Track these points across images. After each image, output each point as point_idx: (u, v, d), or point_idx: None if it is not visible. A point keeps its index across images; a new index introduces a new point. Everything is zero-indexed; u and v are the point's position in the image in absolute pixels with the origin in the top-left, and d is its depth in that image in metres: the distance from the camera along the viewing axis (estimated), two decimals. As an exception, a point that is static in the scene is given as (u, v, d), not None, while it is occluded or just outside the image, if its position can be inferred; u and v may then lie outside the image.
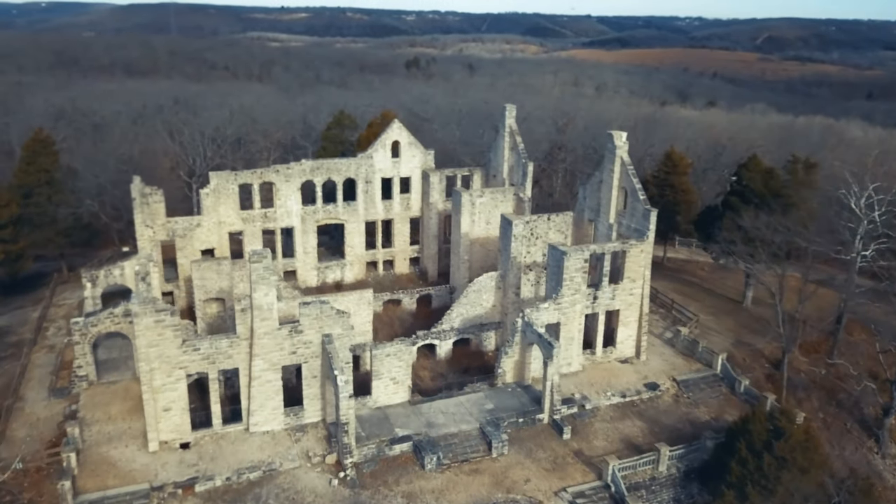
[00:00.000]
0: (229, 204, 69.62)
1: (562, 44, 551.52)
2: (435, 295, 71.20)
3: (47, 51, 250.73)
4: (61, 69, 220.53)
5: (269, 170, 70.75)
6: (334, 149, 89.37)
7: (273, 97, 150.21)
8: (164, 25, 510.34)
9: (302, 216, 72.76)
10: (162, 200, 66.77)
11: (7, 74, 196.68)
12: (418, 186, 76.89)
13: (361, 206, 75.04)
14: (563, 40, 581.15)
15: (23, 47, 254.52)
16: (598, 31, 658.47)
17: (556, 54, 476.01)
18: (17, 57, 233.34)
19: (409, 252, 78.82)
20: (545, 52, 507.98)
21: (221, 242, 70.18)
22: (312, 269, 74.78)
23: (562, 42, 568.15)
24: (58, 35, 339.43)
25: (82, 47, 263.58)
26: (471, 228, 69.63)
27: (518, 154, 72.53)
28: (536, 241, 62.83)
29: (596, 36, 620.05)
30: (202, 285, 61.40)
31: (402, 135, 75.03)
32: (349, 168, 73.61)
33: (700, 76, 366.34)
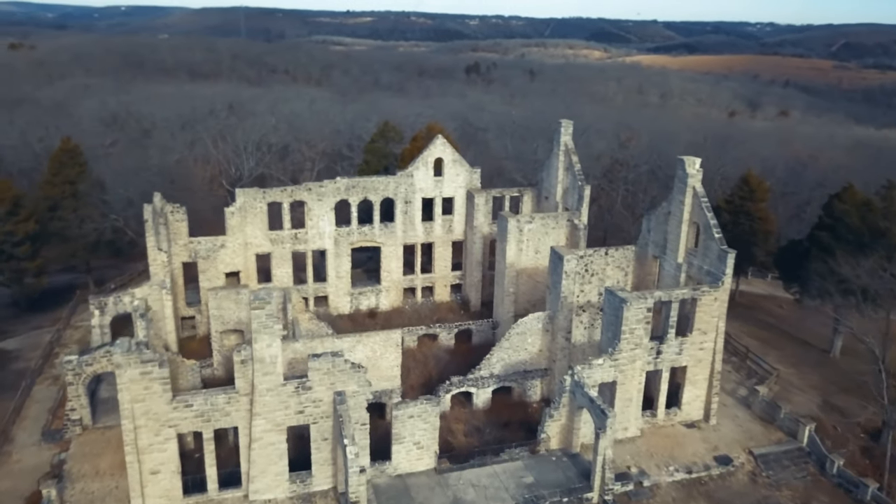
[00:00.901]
0: (257, 224, 63.35)
1: (626, 49, 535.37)
2: (476, 330, 63.34)
3: (115, 53, 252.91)
4: (126, 72, 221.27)
5: (300, 188, 64.19)
6: (377, 162, 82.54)
7: (325, 103, 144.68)
8: (234, 28, 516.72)
9: (335, 238, 65.98)
10: (184, 219, 60.98)
11: (73, 77, 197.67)
12: (462, 208, 69.19)
13: (400, 229, 67.79)
14: (627, 45, 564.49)
15: (93, 50, 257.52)
16: (665, 37, 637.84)
17: (619, 60, 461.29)
18: (86, 59, 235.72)
19: (450, 279, 71.19)
20: (609, 58, 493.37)
21: (248, 265, 63.99)
22: (345, 294, 67.92)
23: (626, 47, 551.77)
24: (128, 38, 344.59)
25: (149, 50, 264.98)
26: (518, 258, 61.56)
27: (574, 175, 64.05)
28: (591, 279, 54.37)
29: (662, 42, 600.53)
30: (219, 316, 55.21)
31: (446, 151, 67.44)
32: (387, 187, 66.45)
33: (771, 84, 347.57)
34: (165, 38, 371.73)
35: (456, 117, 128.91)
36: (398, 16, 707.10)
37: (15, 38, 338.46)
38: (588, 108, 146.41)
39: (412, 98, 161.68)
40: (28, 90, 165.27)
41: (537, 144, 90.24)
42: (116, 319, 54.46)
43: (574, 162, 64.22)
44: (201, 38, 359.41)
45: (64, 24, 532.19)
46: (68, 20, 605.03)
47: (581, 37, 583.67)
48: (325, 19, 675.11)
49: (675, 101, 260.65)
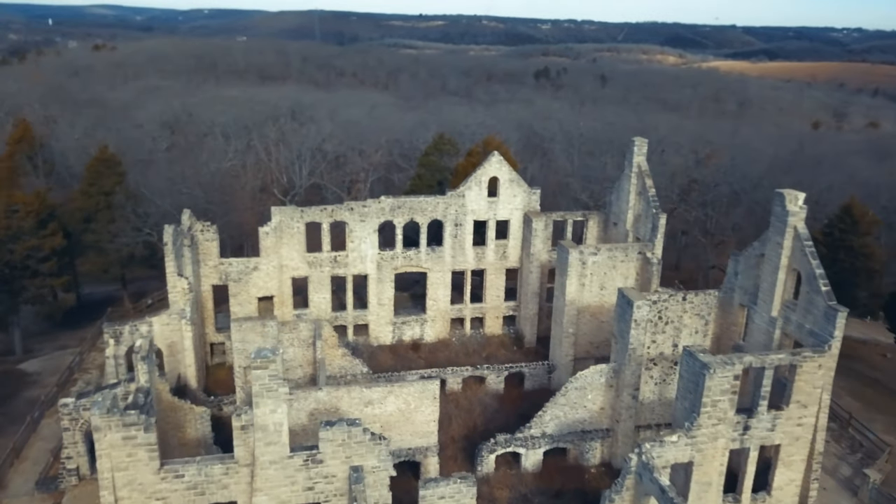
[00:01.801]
0: (293, 245, 57.35)
1: (702, 55, 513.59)
2: (529, 374, 55.58)
3: (191, 56, 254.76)
4: (198, 74, 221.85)
5: (341, 207, 57.81)
6: (430, 177, 75.70)
7: (386, 109, 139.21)
8: (310, 32, 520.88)
9: (378, 262, 59.37)
10: (215, 238, 55.56)
11: (146, 79, 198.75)
12: (518, 232, 61.49)
13: (448, 253, 60.63)
14: (703, 51, 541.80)
15: (170, 52, 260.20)
16: (744, 42, 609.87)
17: (695, 66, 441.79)
18: (162, 61, 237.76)
19: (502, 310, 63.56)
20: (684, 63, 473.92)
21: (282, 289, 58.07)
22: (387, 324, 61.20)
23: (702, 53, 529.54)
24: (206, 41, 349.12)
25: (223, 52, 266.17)
26: (579, 294, 53.52)
27: (647, 201, 55.53)
28: (666, 328, 45.92)
29: (741, 47, 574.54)
30: (243, 349, 49.14)
31: (503, 170, 59.86)
32: (436, 208, 59.38)
33: (859, 93, 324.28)
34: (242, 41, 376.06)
35: (521, 126, 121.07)
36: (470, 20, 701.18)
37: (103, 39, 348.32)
38: (662, 119, 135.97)
39: (476, 105, 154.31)
40: (100, 91, 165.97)
41: (606, 160, 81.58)
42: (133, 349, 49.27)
43: (648, 186, 55.68)
44: (274, 40, 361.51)
45: (150, 27, 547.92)
46: (154, 23, 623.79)
47: (655, 42, 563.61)
48: (398, 23, 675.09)
49: (754, 109, 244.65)
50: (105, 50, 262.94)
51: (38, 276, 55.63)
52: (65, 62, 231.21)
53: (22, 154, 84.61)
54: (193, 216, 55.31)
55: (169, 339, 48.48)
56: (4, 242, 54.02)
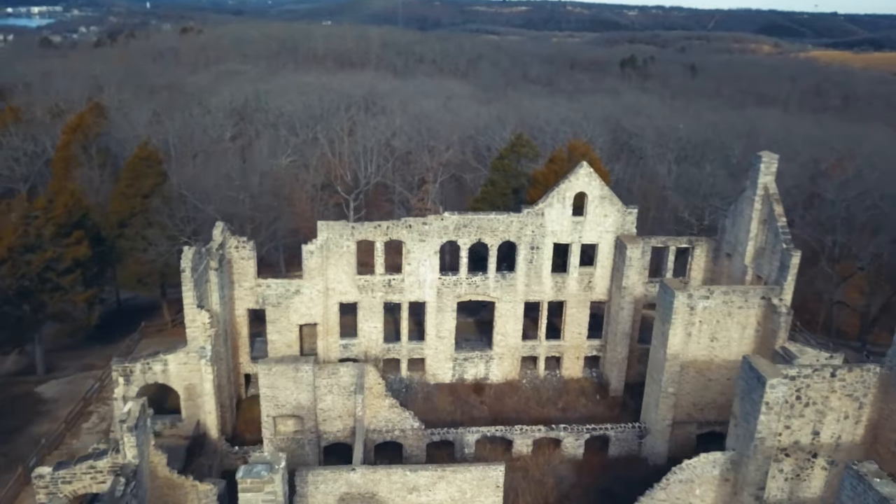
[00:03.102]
0: (342, 266, 48.27)
1: (800, 44, 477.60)
2: (615, 438, 44.74)
3: (274, 39, 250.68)
4: (278, 59, 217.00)
5: (398, 224, 48.23)
6: (505, 184, 65.12)
7: (463, 100, 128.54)
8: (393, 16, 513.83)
9: (438, 289, 49.62)
10: (252, 256, 47.05)
11: (226, 63, 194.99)
12: (608, 260, 50.39)
13: (521, 281, 50.21)
14: (801, 39, 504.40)
15: (253, 36, 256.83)
16: (845, 31, 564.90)
17: (792, 56, 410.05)
18: (244, 45, 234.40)
19: (584, 349, 52.73)
20: (779, 53, 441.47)
21: (328, 316, 49.18)
22: (447, 360, 51.49)
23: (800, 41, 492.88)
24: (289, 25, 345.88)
25: (304, 36, 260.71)
26: (684, 346, 42.24)
27: (776, 232, 43.47)
28: (805, 410, 34.26)
29: (842, 36, 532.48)
30: (272, 396, 40.46)
31: (592, 185, 48.76)
32: (509, 228, 48.97)
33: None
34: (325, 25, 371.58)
35: (607, 122, 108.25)
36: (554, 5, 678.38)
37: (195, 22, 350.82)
38: (759, 115, 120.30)
39: (559, 96, 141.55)
40: (179, 75, 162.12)
41: (711, 169, 68.71)
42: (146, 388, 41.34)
43: (777, 214, 43.54)
44: (356, 25, 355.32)
45: (241, 10, 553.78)
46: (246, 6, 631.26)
47: (749, 30, 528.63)
48: (481, 8, 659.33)
49: (860, 104, 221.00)
50: (192, 33, 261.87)
51: (59, 290, 48.58)
52: (151, 45, 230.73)
53: (77, 144, 78.76)
54: (228, 230, 46.86)
55: (187, 380, 40.24)
56: (23, 252, 47.01)
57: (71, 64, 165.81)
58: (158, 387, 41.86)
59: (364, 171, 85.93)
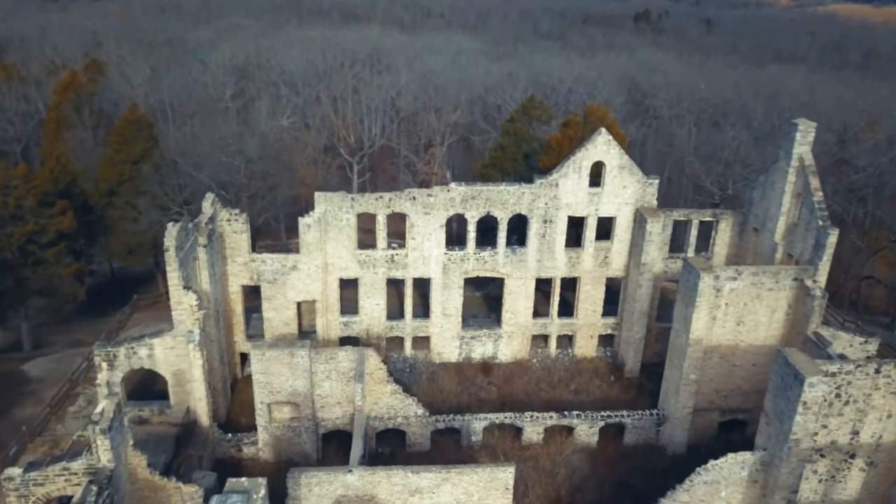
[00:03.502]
0: (341, 240, 44.93)
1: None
2: (631, 426, 41.84)
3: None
4: (283, 13, 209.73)
5: (401, 196, 44.61)
6: (516, 148, 61.11)
7: (472, 56, 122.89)
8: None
9: (444, 264, 46.30)
10: (245, 229, 43.75)
11: (228, 17, 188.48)
12: (626, 234, 46.77)
13: (533, 256, 46.77)
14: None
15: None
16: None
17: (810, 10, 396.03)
18: None
19: (598, 328, 49.53)
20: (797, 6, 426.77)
21: (328, 293, 46.07)
22: (453, 338, 48.46)
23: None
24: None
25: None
26: (709, 330, 38.96)
27: (811, 208, 39.71)
28: (844, 409, 31.06)
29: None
30: (266, 383, 37.64)
31: (611, 154, 44.83)
32: (520, 200, 45.30)
33: None
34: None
35: (621, 80, 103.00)
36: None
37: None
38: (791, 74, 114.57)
39: (571, 53, 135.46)
40: (180, 30, 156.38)
41: (733, 134, 64.22)
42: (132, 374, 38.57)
43: (813, 188, 39.68)
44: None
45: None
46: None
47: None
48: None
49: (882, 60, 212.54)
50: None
51: (42, 263, 45.51)
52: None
53: (69, 104, 74.88)
54: (219, 202, 43.44)
55: (174, 365, 37.36)
56: (1, 224, 43.82)
57: (69, 18, 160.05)
58: (146, 370, 39.08)
59: (368, 132, 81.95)
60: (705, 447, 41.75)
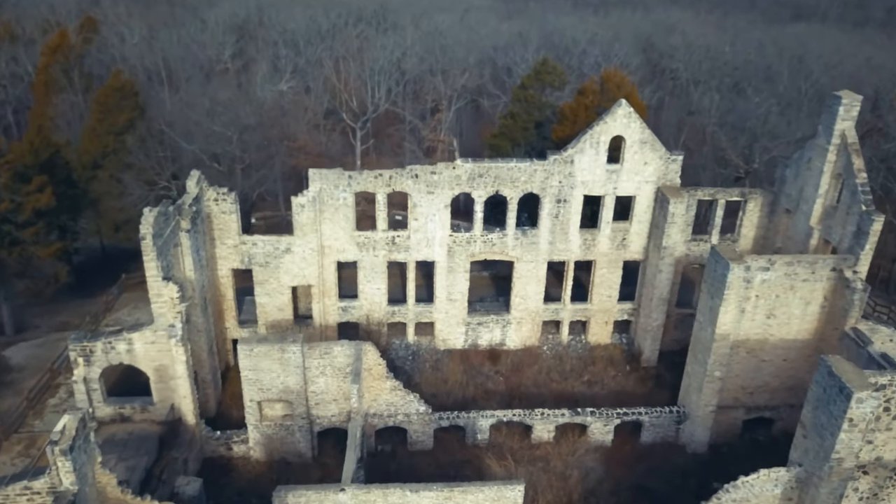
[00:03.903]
0: (338, 221, 41.40)
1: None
2: (649, 424, 38.73)
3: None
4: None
5: (402, 173, 40.86)
6: (526, 116, 56.89)
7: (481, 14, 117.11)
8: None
9: (449, 247, 42.76)
10: (234, 209, 40.28)
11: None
12: (646, 214, 42.95)
13: (545, 238, 43.12)
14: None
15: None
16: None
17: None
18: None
19: (614, 313, 46.07)
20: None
21: (324, 276, 42.75)
22: (458, 324, 45.21)
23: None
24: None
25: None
26: (736, 324, 35.46)
27: (853, 191, 35.74)
28: (893, 423, 27.70)
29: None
30: (255, 380, 34.65)
31: (632, 128, 40.74)
32: (532, 178, 41.44)
33: None
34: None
35: (637, 40, 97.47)
36: None
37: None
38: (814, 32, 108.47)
39: (585, 10, 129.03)
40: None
41: (760, 98, 59.48)
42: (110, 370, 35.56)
43: (856, 168, 35.65)
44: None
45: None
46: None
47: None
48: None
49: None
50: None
51: (18, 244, 42.27)
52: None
53: (58, 66, 70.85)
54: (205, 179, 39.83)
55: (156, 360, 34.32)
56: (-26, 203, 40.52)
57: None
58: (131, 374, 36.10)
59: (372, 96, 77.61)
60: (728, 446, 38.86)
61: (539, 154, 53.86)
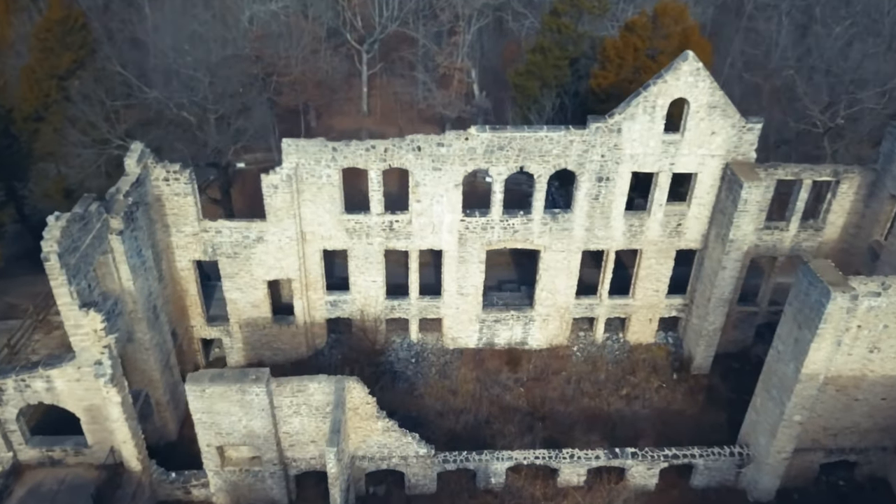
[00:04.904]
0: (321, 202, 32.82)
1: None
2: (703, 469, 31.07)
3: None
4: None
5: (401, 143, 31.70)
6: (559, 52, 46.13)
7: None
8: None
9: (460, 234, 34.16)
10: (188, 190, 31.77)
11: None
12: (709, 196, 33.67)
13: (581, 224, 34.22)
14: None
15: None
16: None
17: None
18: None
19: (661, 310, 37.59)
20: None
21: (307, 267, 34.67)
22: (471, 321, 37.21)
23: None
24: None
25: None
26: (829, 360, 26.98)
27: None
28: None
29: None
30: (210, 423, 27.25)
31: (699, 87, 30.78)
32: (566, 150, 32.06)
33: None
34: None
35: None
36: None
37: None
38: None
39: None
40: None
41: (852, 40, 47.55)
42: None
43: None
44: None
45: None
46: None
47: None
48: None
49: None
50: None
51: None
52: None
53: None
54: (152, 154, 31.09)
55: (85, 400, 26.98)
56: None
57: None
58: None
59: (380, 14, 66.40)
60: (800, 492, 31.48)
61: (575, 107, 44.13)
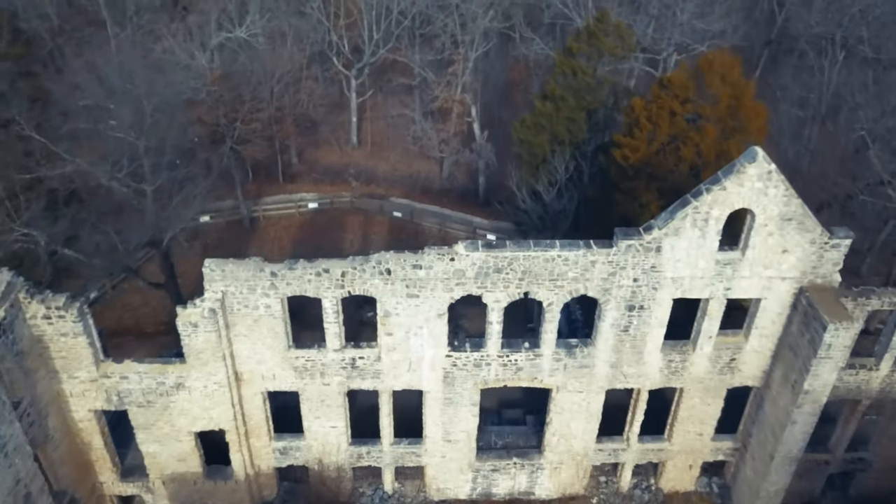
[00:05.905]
0: (259, 336, 24.74)
1: None
2: None
3: None
4: None
5: (364, 265, 23.40)
6: (574, 101, 37.57)
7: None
8: None
9: (446, 371, 25.91)
10: (82, 331, 23.67)
11: None
12: (775, 325, 25.17)
13: (604, 360, 25.87)
14: None
15: None
16: None
17: None
18: None
19: (705, 454, 29.22)
20: None
21: (248, 413, 26.54)
22: (462, 469, 28.99)
23: None
24: None
25: None
26: None
27: None
28: None
29: None
30: None
31: (769, 195, 22.24)
32: (585, 272, 23.64)
33: None
34: None
35: None
36: None
37: None
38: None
39: None
40: None
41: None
42: None
43: None
44: None
45: None
46: None
47: None
48: None
49: None
50: None
51: None
52: None
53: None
54: (24, 284, 22.95)
55: None
56: None
57: None
58: None
59: (368, 37, 57.95)
60: None
61: (593, 172, 35.80)
